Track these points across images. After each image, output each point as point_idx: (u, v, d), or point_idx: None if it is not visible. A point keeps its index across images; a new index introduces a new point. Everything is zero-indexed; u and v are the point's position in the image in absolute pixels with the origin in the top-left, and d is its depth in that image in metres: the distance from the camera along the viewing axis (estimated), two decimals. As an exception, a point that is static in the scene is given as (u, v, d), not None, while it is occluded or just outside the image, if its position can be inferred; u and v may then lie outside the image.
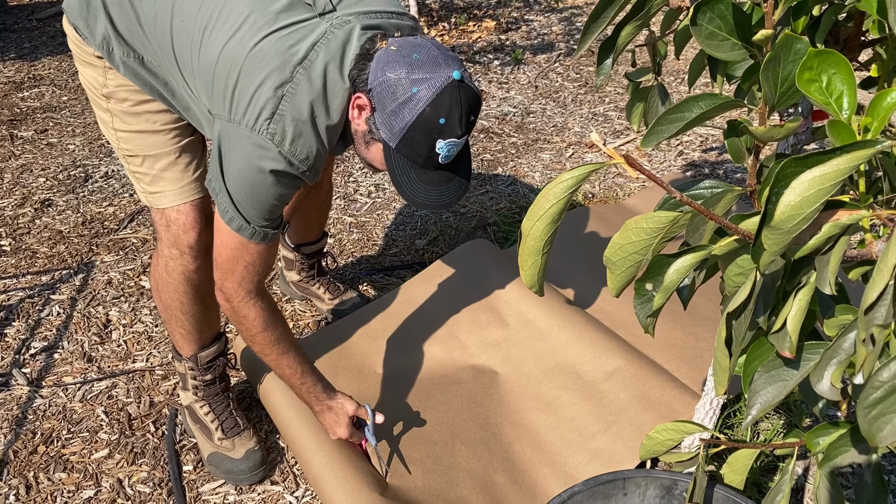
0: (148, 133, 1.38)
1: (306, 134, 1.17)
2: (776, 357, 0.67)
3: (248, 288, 1.31)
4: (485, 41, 4.00)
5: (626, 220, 0.67)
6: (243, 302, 1.32)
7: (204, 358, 1.58)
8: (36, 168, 2.87)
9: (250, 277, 1.31)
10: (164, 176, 1.40)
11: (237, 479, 1.55)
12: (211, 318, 1.56)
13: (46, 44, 4.29)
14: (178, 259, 1.44)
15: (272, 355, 1.39)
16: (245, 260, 1.29)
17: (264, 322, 1.35)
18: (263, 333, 1.36)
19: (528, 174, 2.69)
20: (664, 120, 0.75)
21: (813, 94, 0.59)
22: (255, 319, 1.34)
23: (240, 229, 1.25)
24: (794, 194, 0.51)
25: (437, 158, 1.17)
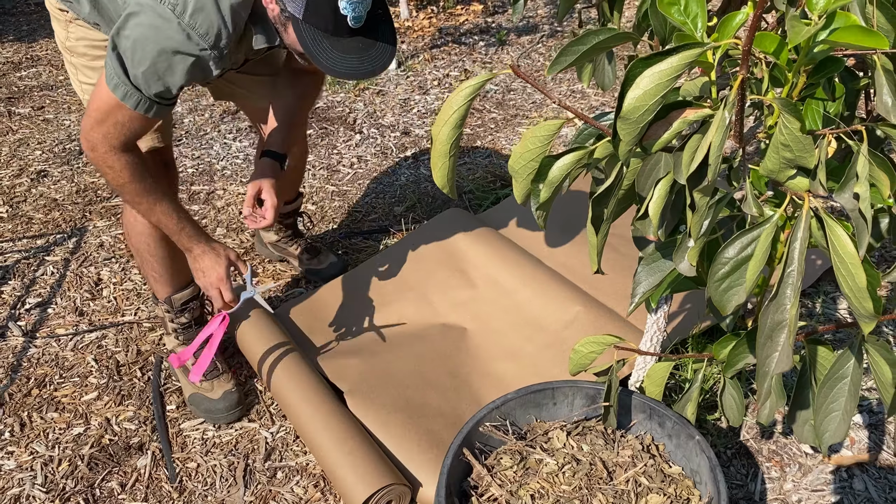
0: None
1: (208, 9, 1.20)
2: (654, 251, 0.78)
3: (112, 143, 1.31)
4: (472, 24, 4.10)
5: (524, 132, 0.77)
6: (108, 153, 1.32)
7: (178, 300, 1.68)
8: (32, 142, 2.98)
9: (117, 135, 1.30)
10: None
11: (215, 417, 1.66)
12: (180, 262, 1.63)
13: (44, 26, 4.39)
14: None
15: (144, 204, 1.40)
16: (116, 118, 1.29)
17: (131, 173, 1.34)
18: (132, 184, 1.36)
19: (505, 147, 2.79)
20: (567, 51, 0.85)
21: (672, 15, 0.70)
22: (122, 170, 1.33)
23: (125, 97, 1.26)
24: (638, 89, 0.62)
25: (345, 21, 1.18)
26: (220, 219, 2.41)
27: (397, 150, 2.81)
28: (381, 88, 3.32)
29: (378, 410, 1.58)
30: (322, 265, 2.10)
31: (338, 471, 1.39)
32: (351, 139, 2.90)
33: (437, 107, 3.14)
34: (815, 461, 1.47)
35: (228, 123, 3.05)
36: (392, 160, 2.74)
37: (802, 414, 0.96)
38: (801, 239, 0.61)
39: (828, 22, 0.61)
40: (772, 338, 0.62)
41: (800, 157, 0.65)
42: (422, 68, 3.54)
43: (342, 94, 3.27)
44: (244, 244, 2.29)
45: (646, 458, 1.11)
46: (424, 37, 3.94)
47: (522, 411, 1.17)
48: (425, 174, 2.63)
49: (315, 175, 2.65)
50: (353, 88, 3.31)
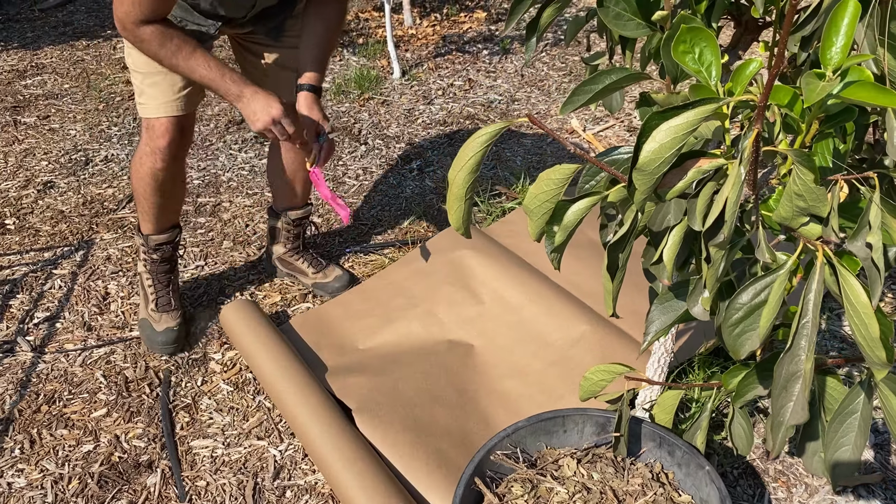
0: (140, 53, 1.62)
1: None
2: (668, 291, 0.79)
3: (136, 17, 1.47)
4: (475, 31, 4.11)
5: (540, 174, 0.78)
6: (135, 26, 1.48)
7: (153, 241, 1.92)
8: (38, 152, 2.99)
9: (139, 9, 1.46)
10: (149, 91, 1.70)
11: (151, 346, 1.91)
12: (167, 211, 1.88)
13: (48, 33, 4.40)
14: (149, 156, 1.76)
15: (183, 60, 1.53)
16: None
17: (161, 35, 1.50)
18: (163, 48, 1.51)
19: (510, 158, 2.80)
20: (580, 91, 0.87)
21: (687, 63, 0.71)
22: (151, 39, 1.50)
23: None
24: (654, 142, 0.63)
25: None
26: (227, 231, 2.42)
27: (402, 162, 2.82)
28: (385, 98, 3.33)
29: (386, 429, 1.59)
30: (328, 279, 2.11)
31: (348, 492, 1.40)
32: (356, 150, 2.91)
33: (442, 117, 3.15)
34: (821, 482, 1.47)
35: (234, 134, 3.06)
36: (397, 172, 2.75)
37: (812, 445, 0.97)
38: (816, 291, 0.62)
39: (841, 78, 0.61)
40: (787, 388, 0.63)
41: (813, 207, 0.66)
42: (426, 77, 3.55)
43: (346, 104, 3.28)
44: (251, 258, 2.30)
45: (656, 487, 1.12)
46: (428, 45, 3.95)
47: (533, 439, 1.18)
48: (430, 186, 2.64)
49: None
50: (357, 99, 3.32)
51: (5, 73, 3.79)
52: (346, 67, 3.68)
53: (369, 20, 4.36)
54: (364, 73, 3.49)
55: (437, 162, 2.80)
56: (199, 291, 2.16)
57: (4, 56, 4.04)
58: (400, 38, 4.00)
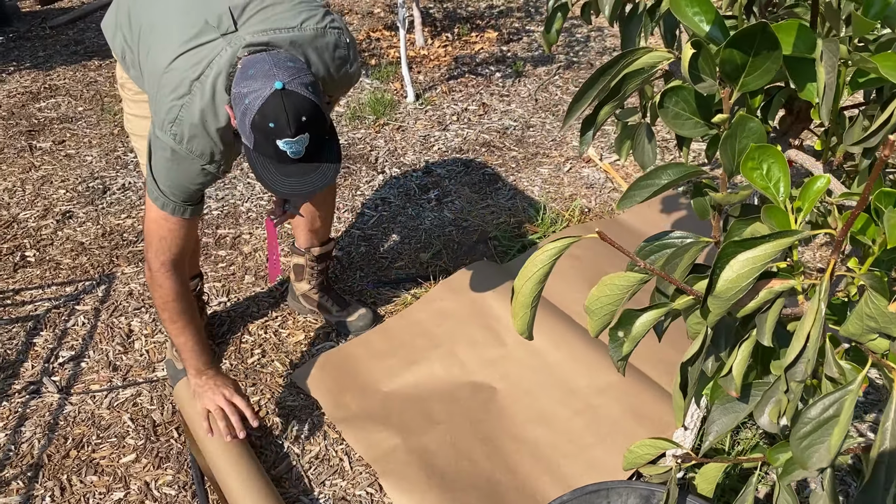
0: (141, 118, 1.71)
1: (199, 135, 1.45)
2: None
3: (162, 259, 1.58)
4: (487, 52, 4.11)
5: (603, 276, 0.79)
6: (159, 272, 1.59)
7: None
8: (56, 180, 3.00)
9: (164, 250, 1.58)
10: None
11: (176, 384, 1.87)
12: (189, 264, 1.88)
13: (60, 52, 4.41)
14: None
15: (179, 323, 1.64)
16: (160, 233, 1.57)
17: (176, 292, 1.61)
18: (175, 302, 1.61)
19: (527, 188, 2.81)
20: (637, 186, 0.87)
21: (755, 180, 0.72)
22: (170, 289, 1.60)
23: (163, 206, 1.54)
24: (731, 271, 0.64)
25: (287, 155, 1.35)
26: (248, 265, 2.43)
27: (420, 192, 2.82)
28: (400, 124, 3.34)
29: (413, 489, 1.59)
30: (352, 318, 2.12)
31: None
32: (373, 179, 2.91)
33: (457, 144, 3.16)
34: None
35: (250, 161, 3.06)
36: (415, 202, 2.76)
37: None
38: (894, 420, 0.63)
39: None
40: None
41: (885, 328, 0.67)
42: (440, 101, 3.55)
43: (362, 131, 3.29)
44: (274, 293, 2.30)
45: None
46: (440, 66, 3.96)
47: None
48: (449, 218, 2.65)
49: (340, 218, 2.67)
50: (372, 124, 3.33)
51: (19, 96, 3.80)
52: (359, 90, 3.69)
53: (381, 39, 4.37)
54: (378, 96, 3.50)
55: (455, 192, 2.81)
56: (223, 329, 2.17)
57: (17, 77, 4.05)
58: (412, 59, 4.01)
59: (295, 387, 1.95)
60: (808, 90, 0.80)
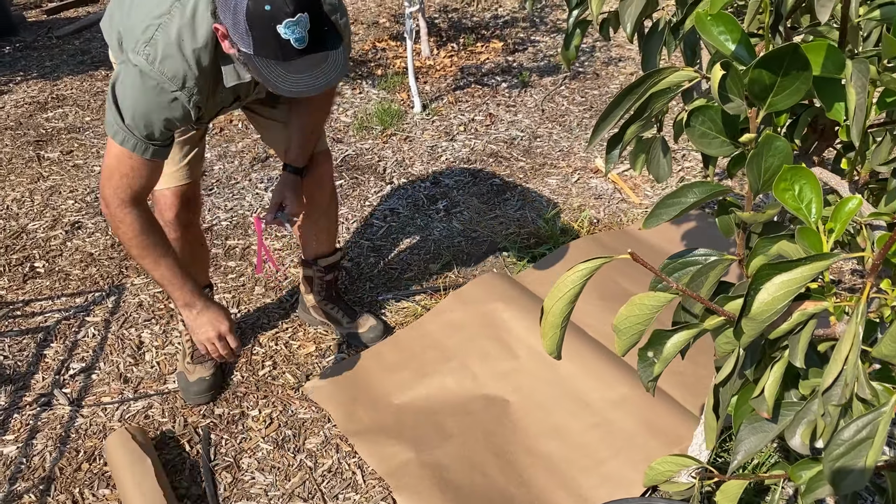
0: None
1: (174, 55, 1.38)
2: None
3: (122, 197, 1.49)
4: (493, 62, 4.12)
5: (633, 296, 0.79)
6: (119, 208, 1.50)
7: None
8: (64, 190, 3.00)
9: (125, 188, 1.49)
10: None
11: (187, 397, 1.93)
12: (194, 272, 1.82)
13: (67, 62, 4.42)
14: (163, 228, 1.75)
15: (151, 258, 1.56)
16: (121, 171, 1.47)
17: (140, 227, 1.53)
18: (140, 237, 1.54)
19: (535, 199, 2.81)
20: (664, 204, 0.87)
21: (787, 201, 0.72)
22: (132, 224, 1.52)
23: (123, 141, 1.45)
24: (766, 294, 0.64)
25: (290, 45, 1.28)
26: (259, 277, 2.43)
27: (428, 202, 2.83)
28: (408, 134, 3.35)
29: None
30: (363, 329, 2.12)
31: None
32: (382, 190, 2.92)
33: (465, 155, 3.16)
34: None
35: (259, 172, 3.07)
36: (424, 213, 2.76)
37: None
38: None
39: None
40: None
41: (918, 350, 0.67)
42: (447, 112, 3.56)
43: (370, 142, 3.30)
44: (284, 304, 2.30)
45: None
46: (447, 76, 3.97)
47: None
48: (458, 228, 2.65)
49: (349, 229, 2.67)
50: (380, 135, 3.34)
51: (26, 106, 3.81)
52: (366, 101, 3.70)
53: (386, 50, 4.38)
54: (385, 107, 3.51)
55: (463, 202, 2.81)
56: (233, 341, 2.16)
57: (24, 86, 4.06)
58: (418, 70, 4.02)
59: (307, 399, 1.94)
60: (835, 109, 0.81)
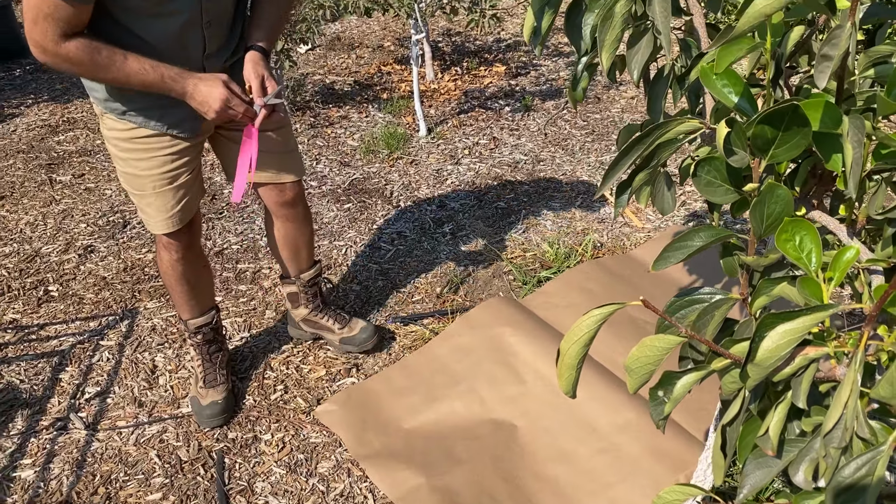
0: (133, 176, 1.74)
1: None
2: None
3: (54, 36, 1.39)
4: (496, 86, 4.19)
5: (644, 338, 0.83)
6: (57, 45, 1.40)
7: (192, 325, 2.02)
8: (76, 213, 3.05)
9: (54, 26, 1.38)
10: (147, 210, 1.79)
11: (200, 420, 1.98)
12: (198, 295, 1.99)
13: (77, 85, 4.49)
14: (165, 253, 1.89)
15: (116, 66, 1.46)
16: (44, 10, 1.37)
17: (88, 52, 1.43)
18: (95, 58, 1.44)
19: (540, 222, 2.86)
20: (672, 247, 0.92)
21: (789, 251, 0.76)
22: (78, 52, 1.42)
23: None
24: (770, 342, 0.68)
25: None
26: (269, 300, 2.47)
27: (435, 225, 2.88)
28: (414, 158, 3.40)
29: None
30: (354, 332, 2.18)
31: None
32: (389, 213, 2.97)
33: (470, 178, 3.22)
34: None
35: (267, 195, 3.12)
36: (430, 236, 2.81)
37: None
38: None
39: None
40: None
41: (913, 392, 0.71)
42: (451, 135, 3.62)
43: (377, 165, 3.35)
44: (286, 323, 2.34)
45: None
46: (451, 100, 4.03)
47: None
48: (464, 252, 2.69)
49: (358, 252, 2.72)
50: (386, 158, 3.39)
51: (38, 129, 3.87)
52: (372, 124, 3.76)
53: (391, 73, 4.46)
54: (391, 130, 3.57)
55: (469, 226, 2.86)
56: (245, 364, 2.21)
57: (36, 109, 4.12)
58: (423, 93, 4.08)
59: (318, 423, 1.98)
60: (833, 161, 0.85)
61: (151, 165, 1.71)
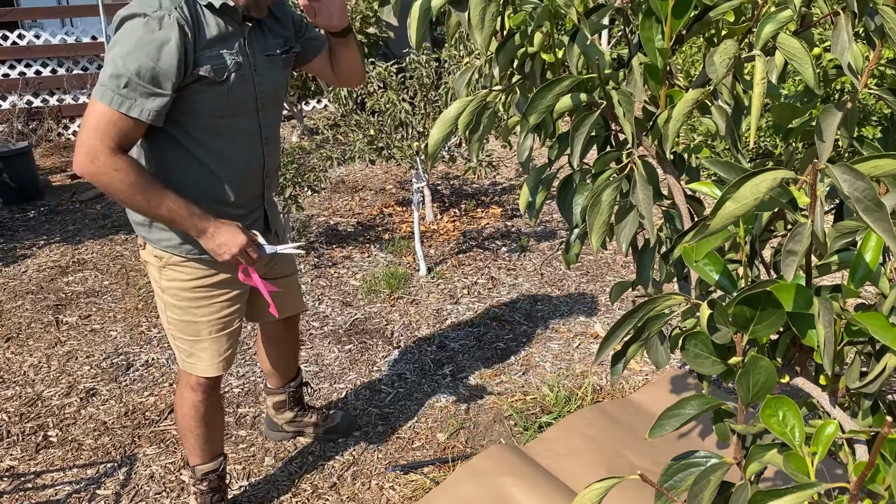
0: (189, 323, 1.84)
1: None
2: None
3: (110, 145, 1.51)
4: (493, 227, 4.37)
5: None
6: (111, 156, 1.51)
7: (200, 471, 2.03)
8: (81, 355, 3.09)
9: (111, 137, 1.51)
10: (199, 355, 1.87)
11: None
12: (212, 440, 2.01)
13: (89, 226, 4.67)
14: (191, 394, 1.93)
15: (154, 196, 1.56)
16: (108, 118, 1.50)
17: (135, 169, 1.54)
18: (139, 178, 1.54)
19: (539, 364, 2.90)
20: (666, 416, 0.97)
21: (773, 426, 0.82)
22: (126, 168, 1.53)
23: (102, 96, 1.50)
24: (762, 519, 0.72)
25: None
26: (268, 446, 2.47)
27: (435, 367, 2.91)
28: (414, 297, 3.50)
29: None
30: (335, 421, 2.46)
31: None
32: (389, 354, 3.01)
33: (469, 318, 3.29)
34: None
35: (270, 337, 3.18)
36: (430, 378, 2.84)
37: None
38: None
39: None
40: None
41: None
42: (451, 275, 3.74)
43: (378, 305, 3.44)
44: (293, 475, 2.32)
45: None
46: (450, 240, 4.19)
47: None
48: (464, 395, 2.72)
49: (358, 395, 2.74)
50: (387, 298, 3.48)
51: (48, 270, 3.99)
52: (374, 264, 3.88)
53: (393, 215, 4.65)
54: (392, 270, 3.69)
55: (469, 367, 2.90)
56: (243, 515, 2.17)
57: (47, 250, 4.26)
58: (423, 234, 4.25)
59: (316, 580, 1.93)
60: (809, 336, 0.93)
61: (210, 311, 1.82)
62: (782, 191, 0.86)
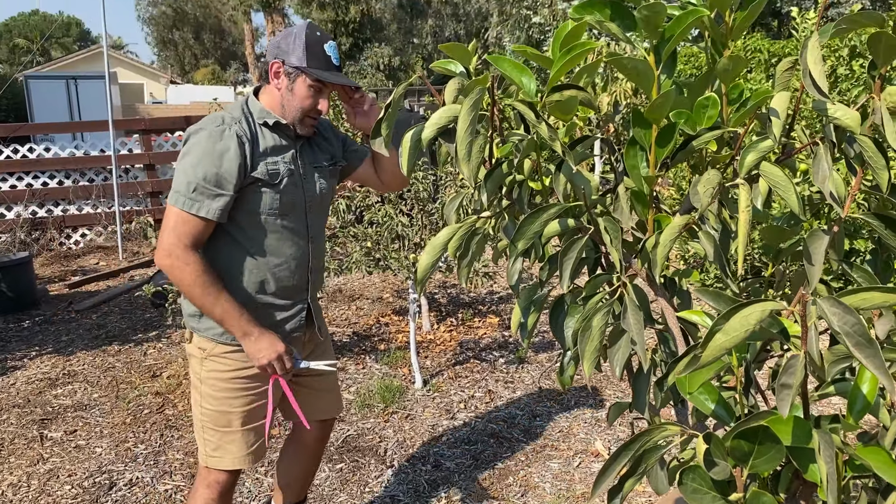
0: (223, 413, 1.88)
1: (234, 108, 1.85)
2: None
3: (185, 243, 1.73)
4: (490, 337, 4.33)
5: None
6: (185, 252, 1.72)
7: None
8: (62, 474, 2.98)
9: (187, 234, 1.73)
10: (227, 447, 1.89)
11: None
12: None
13: (82, 336, 4.62)
14: (207, 492, 1.93)
15: (213, 293, 1.74)
16: (183, 218, 1.73)
17: (203, 267, 1.74)
18: (204, 276, 1.73)
19: (538, 484, 2.79)
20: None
21: (779, 573, 0.77)
22: (196, 264, 1.73)
23: (184, 204, 1.72)
24: None
25: (331, 60, 1.80)
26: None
27: (430, 488, 2.80)
28: (409, 412, 3.41)
29: None
30: None
31: None
32: (382, 474, 2.90)
33: (465, 434, 3.20)
34: None
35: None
36: (424, 502, 2.72)
37: None
38: None
39: None
40: None
41: None
42: (447, 387, 3.66)
43: (371, 420, 3.35)
44: None
45: None
46: (446, 351, 4.14)
47: None
48: (460, 518, 2.59)
49: (349, 519, 2.61)
50: (381, 413, 3.40)
51: (37, 382, 3.91)
52: (369, 377, 3.82)
53: (389, 325, 4.62)
54: (387, 383, 3.62)
55: (465, 488, 2.78)
56: None
57: (38, 362, 4.20)
58: (419, 343, 4.20)
59: None
60: (811, 471, 0.89)
61: (244, 402, 1.89)
62: (773, 321, 0.85)
